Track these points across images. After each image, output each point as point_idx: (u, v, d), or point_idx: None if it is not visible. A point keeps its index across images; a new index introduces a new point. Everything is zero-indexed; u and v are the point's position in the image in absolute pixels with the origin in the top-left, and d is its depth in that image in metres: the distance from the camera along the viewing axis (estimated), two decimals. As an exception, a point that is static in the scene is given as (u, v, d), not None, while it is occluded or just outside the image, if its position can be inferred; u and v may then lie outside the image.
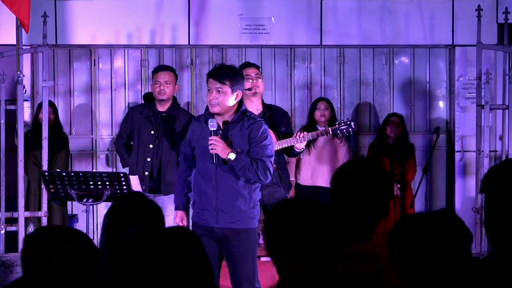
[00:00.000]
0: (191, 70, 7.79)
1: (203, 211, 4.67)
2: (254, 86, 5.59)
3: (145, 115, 6.08)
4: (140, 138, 6.05)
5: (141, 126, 6.06)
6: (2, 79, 6.05)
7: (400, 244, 2.26)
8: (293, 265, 2.30)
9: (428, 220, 2.27)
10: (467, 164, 7.72)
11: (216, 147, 4.52)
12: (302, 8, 7.67)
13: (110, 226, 2.63)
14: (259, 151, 4.59)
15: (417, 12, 7.70)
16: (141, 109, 6.19)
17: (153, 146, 5.97)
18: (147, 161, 5.98)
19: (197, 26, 7.64)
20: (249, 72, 5.61)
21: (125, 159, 6.18)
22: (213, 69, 4.77)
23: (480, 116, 6.57)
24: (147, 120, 6.05)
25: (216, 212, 4.62)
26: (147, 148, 5.99)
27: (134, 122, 6.12)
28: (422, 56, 7.89)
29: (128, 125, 6.20)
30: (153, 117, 6.04)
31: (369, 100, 7.91)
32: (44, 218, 6.22)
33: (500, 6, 7.55)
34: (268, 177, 4.62)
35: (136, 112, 6.18)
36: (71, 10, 7.56)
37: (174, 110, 6.09)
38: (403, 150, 7.11)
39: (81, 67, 7.80)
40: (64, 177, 5.28)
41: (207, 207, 4.65)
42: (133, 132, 6.13)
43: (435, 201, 7.92)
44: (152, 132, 5.99)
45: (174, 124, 6.03)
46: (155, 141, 5.98)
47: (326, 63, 7.88)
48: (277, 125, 5.61)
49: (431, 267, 2.21)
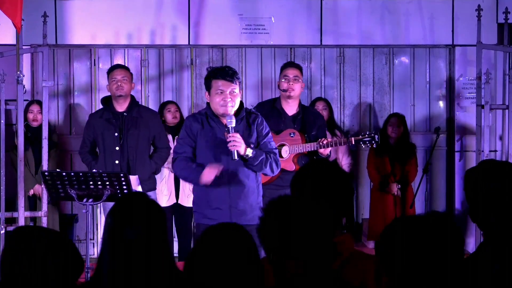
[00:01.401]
0: (191, 70, 7.79)
1: (215, 211, 4.62)
2: (290, 89, 5.59)
3: (105, 118, 6.06)
4: (105, 142, 6.03)
5: (104, 130, 6.03)
6: (2, 79, 6.05)
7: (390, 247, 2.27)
8: (289, 264, 2.30)
9: (418, 223, 2.28)
10: (467, 164, 7.72)
11: (237, 144, 4.52)
12: (302, 8, 7.67)
13: (112, 226, 2.63)
14: (267, 144, 4.69)
15: (417, 12, 7.70)
16: (100, 113, 6.17)
17: (119, 148, 5.97)
18: (116, 163, 5.98)
19: (197, 26, 7.64)
20: (287, 73, 5.63)
21: (93, 165, 6.12)
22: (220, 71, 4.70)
23: (480, 116, 6.57)
24: (108, 123, 6.03)
25: (230, 210, 4.61)
26: (113, 151, 5.99)
27: (96, 127, 6.09)
28: (422, 56, 7.89)
29: (90, 132, 6.15)
30: (114, 119, 6.03)
31: (369, 100, 7.90)
32: (44, 218, 6.22)
33: (500, 6, 7.54)
34: (278, 168, 4.72)
35: (96, 117, 6.15)
36: (71, 10, 7.56)
37: (134, 108, 6.09)
38: (404, 150, 7.11)
39: (81, 67, 7.80)
40: (64, 177, 5.28)
41: (219, 205, 4.62)
42: (97, 137, 6.10)
43: (435, 201, 7.92)
44: (116, 134, 5.98)
45: (136, 122, 6.04)
46: (119, 142, 5.97)
47: (326, 63, 7.88)
48: (309, 127, 5.58)
49: (420, 269, 2.22)
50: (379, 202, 7.04)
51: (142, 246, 2.57)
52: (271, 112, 5.61)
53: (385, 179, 7.01)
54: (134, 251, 2.57)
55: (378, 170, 7.07)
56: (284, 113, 5.65)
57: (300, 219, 2.33)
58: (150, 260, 2.57)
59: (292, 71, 5.64)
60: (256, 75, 7.83)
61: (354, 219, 7.83)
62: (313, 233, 2.31)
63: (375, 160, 7.08)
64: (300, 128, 5.61)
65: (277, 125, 5.57)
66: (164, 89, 7.82)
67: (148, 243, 2.59)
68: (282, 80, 5.65)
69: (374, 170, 7.08)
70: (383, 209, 7.00)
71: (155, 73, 7.82)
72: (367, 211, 7.58)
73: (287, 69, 5.67)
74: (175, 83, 7.83)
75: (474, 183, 2.72)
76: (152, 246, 2.59)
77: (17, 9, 5.76)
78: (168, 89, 7.81)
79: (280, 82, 5.69)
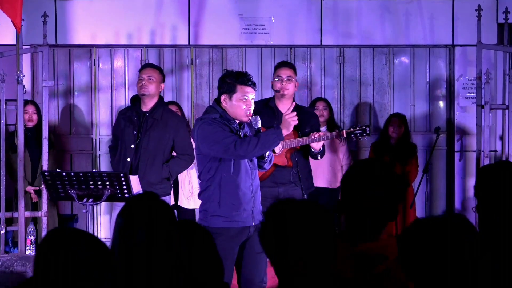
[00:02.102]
0: (191, 70, 7.79)
1: (239, 212, 4.67)
2: (283, 89, 5.63)
3: (129, 115, 6.06)
4: (123, 139, 6.02)
5: (125, 127, 6.03)
6: (2, 79, 6.05)
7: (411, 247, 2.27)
8: (291, 266, 2.30)
9: (440, 224, 2.28)
10: (467, 164, 7.72)
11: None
12: (302, 8, 7.67)
13: (123, 226, 2.62)
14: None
15: (417, 12, 7.70)
16: (126, 110, 6.17)
17: (134, 147, 5.97)
18: (127, 161, 5.95)
19: (197, 26, 7.64)
20: (280, 74, 5.65)
21: (112, 160, 6.15)
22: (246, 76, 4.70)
23: (480, 116, 6.57)
24: (130, 120, 6.02)
25: (252, 210, 4.71)
26: (128, 148, 5.98)
27: (120, 124, 6.10)
28: (422, 56, 7.89)
29: (115, 128, 6.19)
30: (136, 117, 6.02)
31: (369, 100, 7.91)
32: (44, 218, 6.22)
33: (500, 6, 7.55)
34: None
35: (122, 114, 6.16)
36: (71, 10, 7.56)
37: (158, 109, 6.00)
38: (405, 150, 7.10)
39: (81, 67, 7.80)
40: (64, 177, 5.28)
41: (245, 207, 4.69)
42: (118, 134, 6.11)
43: (435, 201, 7.92)
44: (134, 132, 5.98)
45: (156, 123, 5.94)
46: (136, 141, 5.98)
47: (326, 63, 7.88)
48: (303, 125, 5.60)
49: (442, 270, 2.21)
50: (379, 202, 7.03)
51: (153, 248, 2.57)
52: (264, 109, 5.63)
53: (385, 179, 7.00)
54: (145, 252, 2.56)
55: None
56: (278, 111, 5.67)
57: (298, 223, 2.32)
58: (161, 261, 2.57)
59: (285, 71, 5.65)
60: (256, 75, 7.83)
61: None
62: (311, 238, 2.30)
63: (375, 160, 7.08)
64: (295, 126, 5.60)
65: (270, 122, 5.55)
66: (164, 89, 7.79)
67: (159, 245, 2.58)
68: (275, 79, 5.67)
69: (374, 170, 7.07)
70: (383, 209, 7.00)
71: (155, 73, 7.81)
72: (367, 211, 7.56)
73: (280, 69, 5.68)
74: (175, 83, 7.83)
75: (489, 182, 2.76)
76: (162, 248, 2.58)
77: (17, 9, 5.76)
78: (168, 89, 7.80)
79: (273, 82, 5.70)
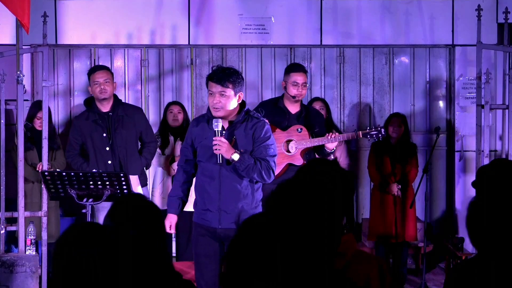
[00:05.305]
0: (191, 70, 7.79)
1: (206, 212, 4.66)
2: (299, 95, 5.81)
3: (92, 119, 6.08)
4: (95, 144, 6.05)
5: (92, 132, 6.05)
6: (2, 79, 6.05)
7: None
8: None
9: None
10: (467, 164, 7.72)
11: (220, 148, 4.52)
12: (302, 8, 7.67)
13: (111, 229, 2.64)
14: (262, 151, 4.59)
15: (417, 12, 7.70)
16: (85, 115, 6.18)
17: (109, 148, 6.00)
18: (108, 163, 6.02)
19: (197, 26, 7.64)
20: (297, 80, 5.79)
21: (84, 167, 6.13)
22: (213, 72, 4.67)
23: (480, 116, 6.56)
24: (95, 124, 6.05)
25: (219, 213, 4.62)
26: (104, 152, 6.01)
27: (83, 130, 6.11)
28: (422, 56, 7.89)
29: (77, 135, 6.18)
30: (101, 120, 6.04)
31: (369, 100, 7.90)
32: (44, 218, 6.21)
33: (500, 6, 7.55)
34: (271, 176, 4.63)
35: (82, 120, 6.17)
36: (71, 10, 7.56)
37: (118, 107, 6.15)
38: (405, 150, 7.10)
39: (81, 67, 7.80)
40: (64, 177, 5.28)
41: (210, 207, 4.64)
42: (85, 140, 6.12)
43: (435, 201, 7.93)
44: (104, 134, 6.00)
45: (122, 120, 6.11)
46: (109, 142, 6.00)
47: (326, 63, 7.88)
48: (312, 125, 5.80)
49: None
50: (379, 202, 7.04)
51: (140, 246, 2.58)
52: (275, 110, 5.81)
53: (385, 179, 7.00)
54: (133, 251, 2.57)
55: (379, 170, 7.06)
56: (288, 111, 5.85)
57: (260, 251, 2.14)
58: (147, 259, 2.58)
59: (302, 77, 5.81)
60: (256, 75, 7.83)
61: (354, 219, 7.83)
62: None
63: (376, 160, 7.07)
64: (304, 125, 5.81)
65: (281, 122, 5.77)
66: (164, 89, 7.82)
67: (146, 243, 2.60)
68: (291, 85, 5.78)
69: (374, 170, 7.07)
70: (383, 209, 7.00)
71: (155, 73, 7.82)
72: (367, 211, 7.58)
73: (296, 74, 5.81)
74: (175, 83, 7.83)
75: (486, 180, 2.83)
76: (149, 246, 2.60)
77: (25, 9, 5.76)
78: (168, 89, 7.81)
79: (288, 86, 5.81)
